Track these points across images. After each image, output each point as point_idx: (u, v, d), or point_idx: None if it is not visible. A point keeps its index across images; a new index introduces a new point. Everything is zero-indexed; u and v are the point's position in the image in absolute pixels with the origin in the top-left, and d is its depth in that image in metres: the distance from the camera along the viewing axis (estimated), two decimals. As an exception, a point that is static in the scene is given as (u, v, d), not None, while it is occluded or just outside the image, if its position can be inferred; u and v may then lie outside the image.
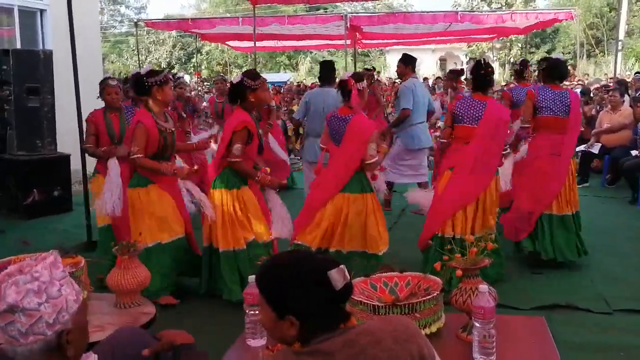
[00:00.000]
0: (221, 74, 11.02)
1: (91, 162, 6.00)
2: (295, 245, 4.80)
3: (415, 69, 7.59)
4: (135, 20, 17.33)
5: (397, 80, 23.05)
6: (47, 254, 1.77)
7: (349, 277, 1.67)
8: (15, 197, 7.57)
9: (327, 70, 7.23)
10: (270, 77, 31.06)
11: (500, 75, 29.44)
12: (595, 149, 9.20)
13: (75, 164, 7.78)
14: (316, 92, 7.24)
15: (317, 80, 7.74)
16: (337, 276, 1.64)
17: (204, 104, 10.29)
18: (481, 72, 4.88)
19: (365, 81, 4.92)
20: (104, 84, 5.59)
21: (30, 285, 1.63)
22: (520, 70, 6.92)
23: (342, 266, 1.66)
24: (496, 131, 4.77)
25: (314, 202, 4.88)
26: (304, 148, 7.25)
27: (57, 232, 6.78)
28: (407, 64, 7.43)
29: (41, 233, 6.69)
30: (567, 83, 16.46)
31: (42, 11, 10.10)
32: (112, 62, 38.38)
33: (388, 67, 37.79)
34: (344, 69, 13.68)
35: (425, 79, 22.46)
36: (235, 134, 4.42)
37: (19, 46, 9.59)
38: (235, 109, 4.59)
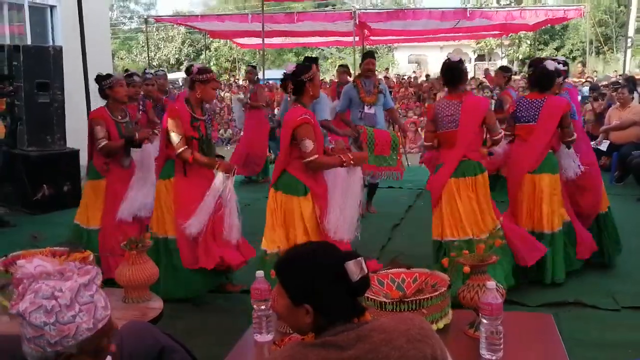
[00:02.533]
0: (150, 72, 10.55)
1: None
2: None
3: (423, 67, 7.60)
4: (145, 17, 17.35)
5: (404, 77, 23.05)
6: (91, 269, 1.73)
7: (366, 271, 1.67)
8: (25, 192, 7.62)
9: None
10: (278, 73, 31.14)
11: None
12: (604, 146, 9.15)
13: (84, 159, 7.80)
14: None
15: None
16: (354, 268, 1.64)
17: None
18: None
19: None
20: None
21: (45, 302, 1.61)
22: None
23: (360, 258, 1.66)
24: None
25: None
26: None
27: (66, 226, 6.79)
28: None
29: (51, 228, 6.71)
30: (575, 80, 16.39)
31: (52, 7, 10.16)
32: (121, 59, 38.41)
33: (396, 64, 37.71)
34: (352, 65, 13.66)
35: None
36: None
37: (29, 42, 9.65)
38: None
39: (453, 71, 4.56)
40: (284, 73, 4.17)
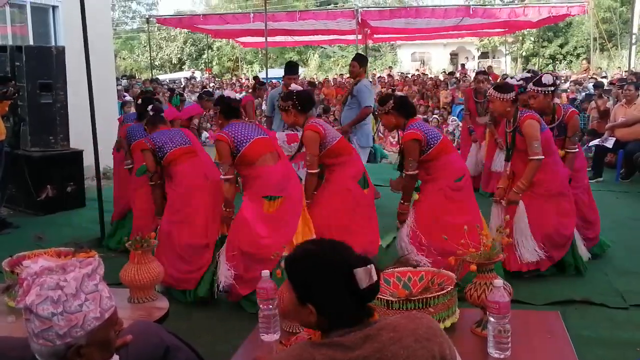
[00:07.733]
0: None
1: (104, 159, 6.00)
2: None
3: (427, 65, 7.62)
4: (147, 17, 17.37)
5: (408, 75, 23.04)
6: (92, 260, 1.74)
7: (375, 278, 1.63)
8: (29, 192, 7.62)
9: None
10: (280, 72, 31.17)
11: (513, 70, 29.24)
12: (610, 143, 9.12)
13: (88, 160, 7.81)
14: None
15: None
16: (363, 275, 1.60)
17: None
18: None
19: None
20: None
21: (51, 293, 1.61)
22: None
23: (370, 265, 1.62)
24: None
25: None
26: None
27: (71, 227, 6.83)
28: (362, 64, 7.37)
29: (55, 228, 6.73)
30: (581, 76, 16.33)
31: (54, 7, 10.14)
32: (123, 59, 38.46)
33: (399, 62, 37.69)
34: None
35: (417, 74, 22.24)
36: None
37: (31, 42, 9.64)
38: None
39: (407, 102, 4.83)
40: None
